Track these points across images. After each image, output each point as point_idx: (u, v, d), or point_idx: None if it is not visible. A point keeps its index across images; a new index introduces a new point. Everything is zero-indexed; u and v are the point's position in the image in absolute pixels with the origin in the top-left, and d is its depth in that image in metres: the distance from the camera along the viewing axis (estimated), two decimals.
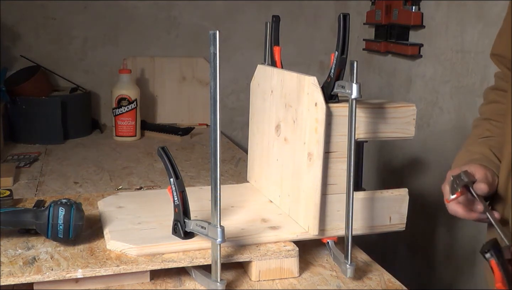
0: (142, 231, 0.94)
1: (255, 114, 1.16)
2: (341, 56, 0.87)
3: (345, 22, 0.86)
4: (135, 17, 2.23)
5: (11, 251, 0.88)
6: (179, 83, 2.30)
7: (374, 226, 0.97)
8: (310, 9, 2.43)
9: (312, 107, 0.90)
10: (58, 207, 0.88)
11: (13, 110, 1.94)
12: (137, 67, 2.22)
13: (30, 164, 1.68)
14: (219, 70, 0.77)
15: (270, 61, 1.11)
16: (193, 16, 2.29)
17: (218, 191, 0.80)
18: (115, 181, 1.56)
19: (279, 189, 1.05)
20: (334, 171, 0.92)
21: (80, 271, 0.83)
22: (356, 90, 0.84)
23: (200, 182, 1.56)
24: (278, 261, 0.91)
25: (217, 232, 0.80)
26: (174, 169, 0.88)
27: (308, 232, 0.94)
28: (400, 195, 0.98)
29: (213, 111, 0.79)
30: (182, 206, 0.89)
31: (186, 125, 2.19)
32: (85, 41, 2.20)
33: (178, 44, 2.30)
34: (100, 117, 2.26)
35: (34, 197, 1.31)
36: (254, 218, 1.01)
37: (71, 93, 2.07)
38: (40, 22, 2.14)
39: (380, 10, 2.03)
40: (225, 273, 0.92)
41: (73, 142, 2.00)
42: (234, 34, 2.35)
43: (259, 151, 1.14)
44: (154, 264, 0.86)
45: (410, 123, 0.95)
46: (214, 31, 0.77)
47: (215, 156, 0.80)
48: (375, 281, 0.93)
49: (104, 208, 1.04)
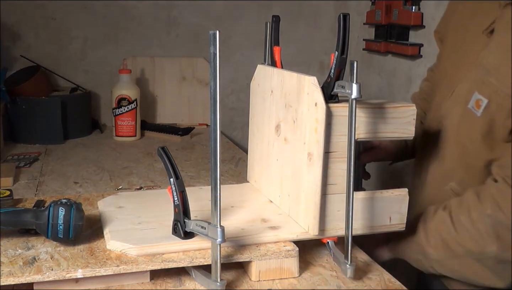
0: (142, 231, 0.94)
1: (255, 114, 1.16)
2: (341, 56, 0.87)
3: (345, 22, 0.85)
4: (135, 17, 2.24)
5: (11, 251, 0.88)
6: (179, 83, 2.30)
7: (374, 226, 0.97)
8: (310, 9, 2.43)
9: (312, 107, 0.90)
10: (58, 207, 0.88)
11: (13, 110, 1.94)
12: (137, 67, 2.22)
13: (30, 164, 1.68)
14: (219, 70, 0.77)
15: (270, 61, 1.11)
16: (193, 16, 2.29)
17: (218, 191, 0.80)
18: (115, 181, 1.56)
19: (279, 189, 1.05)
20: (334, 171, 0.92)
21: (80, 271, 0.83)
22: (356, 90, 0.84)
23: (200, 182, 1.56)
24: (278, 261, 0.91)
25: (217, 232, 0.80)
26: (174, 169, 0.88)
27: (308, 232, 0.94)
28: (400, 195, 0.97)
29: (213, 111, 0.79)
30: (182, 206, 0.89)
31: (186, 125, 2.19)
32: (85, 41, 2.21)
33: (178, 44, 2.30)
34: (100, 117, 2.26)
35: (34, 197, 1.31)
36: (254, 218, 1.01)
37: (71, 93, 2.07)
38: (40, 22, 2.14)
39: (380, 10, 2.03)
40: (225, 273, 0.92)
41: (73, 142, 2.00)
42: (234, 34, 2.35)
43: (259, 151, 1.14)
44: (154, 264, 0.86)
45: (410, 123, 0.95)
46: (214, 31, 0.77)
47: (215, 156, 0.80)
48: (375, 281, 0.93)
49: (104, 208, 1.04)
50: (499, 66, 1.01)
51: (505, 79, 0.99)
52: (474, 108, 1.05)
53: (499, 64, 1.01)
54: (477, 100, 1.04)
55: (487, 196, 1.00)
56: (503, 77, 1.00)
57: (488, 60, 1.04)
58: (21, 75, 2.00)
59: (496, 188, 0.99)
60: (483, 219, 0.99)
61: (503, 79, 1.00)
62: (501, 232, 0.97)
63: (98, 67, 2.22)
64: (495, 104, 1.01)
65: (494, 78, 1.02)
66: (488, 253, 0.99)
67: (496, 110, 1.01)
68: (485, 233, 0.99)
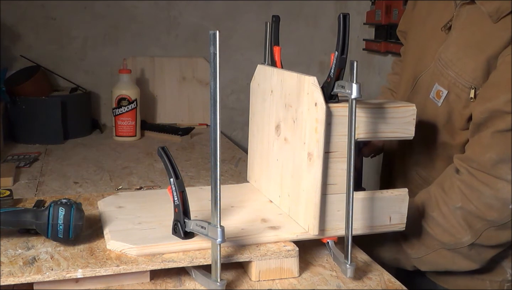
0: (142, 231, 0.94)
1: (255, 114, 1.16)
2: (341, 56, 0.87)
3: (345, 22, 0.85)
4: (135, 17, 2.24)
5: (11, 251, 0.88)
6: (179, 83, 2.30)
7: (374, 226, 0.97)
8: (310, 9, 2.43)
9: (312, 107, 0.90)
10: (58, 207, 0.88)
11: (13, 110, 1.94)
12: (137, 67, 2.22)
13: (30, 164, 1.68)
14: (219, 70, 0.77)
15: (270, 61, 1.11)
16: (193, 16, 2.29)
17: (218, 191, 0.80)
18: (115, 181, 1.56)
19: (279, 189, 1.05)
20: (334, 170, 0.92)
21: (80, 271, 0.83)
22: (356, 90, 0.84)
23: (200, 182, 1.56)
24: (278, 261, 0.91)
25: (217, 232, 0.80)
26: (174, 169, 0.88)
27: (308, 232, 0.94)
28: (400, 195, 0.97)
29: (213, 111, 0.79)
30: (182, 206, 0.89)
31: (186, 125, 2.20)
32: (85, 41, 2.21)
33: (178, 44, 2.30)
34: (100, 117, 2.26)
35: (34, 197, 1.31)
36: (254, 218, 1.01)
37: (71, 93, 2.07)
38: (40, 22, 2.14)
39: (380, 10, 2.04)
40: (225, 273, 0.92)
41: (73, 142, 2.00)
42: (234, 34, 2.35)
43: (259, 151, 1.14)
44: (154, 264, 0.86)
45: (410, 123, 0.95)
46: (214, 31, 0.77)
47: (215, 156, 0.80)
48: (375, 281, 0.93)
49: (104, 208, 1.04)
50: (457, 61, 1.11)
51: (463, 72, 1.10)
52: (435, 99, 1.15)
53: (457, 59, 1.11)
54: (437, 91, 1.14)
55: (453, 188, 1.06)
56: (460, 70, 1.10)
57: (446, 54, 1.14)
58: (21, 75, 2.00)
59: (460, 180, 1.05)
60: (454, 212, 1.05)
61: (460, 72, 1.10)
62: (472, 221, 1.04)
63: (98, 67, 2.22)
64: (454, 95, 1.11)
65: (452, 71, 1.12)
66: (464, 242, 1.05)
67: (455, 100, 1.11)
68: (457, 225, 1.05)
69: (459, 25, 1.14)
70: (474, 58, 1.08)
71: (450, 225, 1.06)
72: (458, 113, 1.12)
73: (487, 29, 1.07)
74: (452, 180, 1.07)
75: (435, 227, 1.08)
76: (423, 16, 1.28)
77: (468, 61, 1.09)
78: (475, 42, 1.09)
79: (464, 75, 1.09)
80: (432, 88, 1.16)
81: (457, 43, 1.13)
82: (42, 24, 2.14)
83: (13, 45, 2.10)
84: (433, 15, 1.25)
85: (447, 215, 1.06)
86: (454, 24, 1.15)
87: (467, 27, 1.12)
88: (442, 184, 1.09)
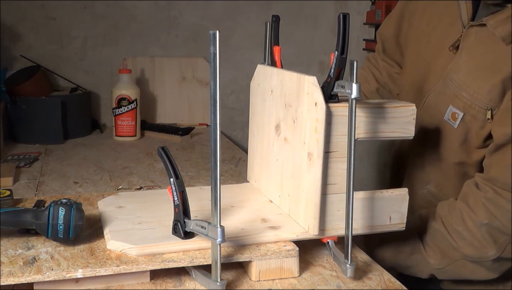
0: (142, 231, 0.94)
1: (255, 114, 1.16)
2: (341, 56, 0.87)
3: (345, 22, 0.85)
4: (135, 17, 2.24)
5: (11, 251, 0.88)
6: (179, 83, 2.30)
7: (374, 226, 0.97)
8: (310, 9, 2.43)
9: (312, 107, 0.90)
10: (58, 207, 0.88)
11: (13, 110, 1.94)
12: (137, 67, 2.22)
13: (30, 164, 1.68)
14: (219, 70, 0.77)
15: (270, 61, 1.11)
16: (193, 16, 2.29)
17: (218, 191, 0.80)
18: (115, 181, 1.56)
19: (279, 189, 1.05)
20: (334, 170, 0.92)
21: (80, 271, 0.83)
22: (356, 90, 0.84)
23: (200, 182, 1.56)
24: (278, 261, 0.91)
25: (217, 232, 0.80)
26: (174, 169, 0.88)
27: (308, 232, 0.94)
28: (400, 194, 0.98)
29: (213, 111, 0.79)
30: (182, 206, 0.89)
31: (186, 125, 2.20)
32: (85, 41, 2.21)
33: (178, 44, 2.30)
34: (100, 117, 2.26)
35: (34, 197, 1.31)
36: (254, 218, 1.01)
37: (71, 93, 2.07)
38: (40, 22, 2.14)
39: (380, 10, 2.04)
40: (225, 273, 0.92)
41: (73, 142, 2.00)
42: (234, 34, 2.35)
43: (259, 151, 1.14)
44: (154, 264, 0.86)
45: (410, 123, 0.95)
46: (214, 31, 0.77)
47: (215, 156, 0.80)
48: (375, 281, 0.93)
49: (104, 208, 1.04)
50: (471, 83, 1.12)
51: (478, 94, 1.11)
52: (451, 121, 1.16)
53: (471, 81, 1.12)
54: (453, 113, 1.15)
55: (478, 205, 1.08)
56: (475, 92, 1.11)
57: (458, 76, 1.14)
58: (21, 75, 2.00)
59: (486, 198, 1.07)
60: (480, 227, 1.07)
61: (475, 94, 1.11)
62: (497, 236, 1.07)
63: (98, 67, 2.22)
64: (470, 116, 1.13)
65: (466, 93, 1.13)
66: (489, 256, 1.08)
67: (471, 121, 1.13)
68: (483, 239, 1.07)
69: (467, 46, 1.14)
70: (488, 80, 1.09)
71: (475, 239, 1.08)
72: (474, 133, 1.13)
73: (500, 51, 1.08)
74: (476, 197, 1.09)
75: (460, 241, 1.09)
76: (424, 29, 1.27)
77: (483, 83, 1.10)
78: (488, 64, 1.10)
79: (480, 97, 1.10)
80: (446, 110, 1.16)
81: (469, 64, 1.13)
82: (42, 24, 2.14)
83: (13, 45, 2.10)
84: (438, 30, 1.24)
85: (472, 230, 1.08)
86: (463, 44, 1.15)
87: (476, 48, 1.13)
88: (467, 200, 1.10)
